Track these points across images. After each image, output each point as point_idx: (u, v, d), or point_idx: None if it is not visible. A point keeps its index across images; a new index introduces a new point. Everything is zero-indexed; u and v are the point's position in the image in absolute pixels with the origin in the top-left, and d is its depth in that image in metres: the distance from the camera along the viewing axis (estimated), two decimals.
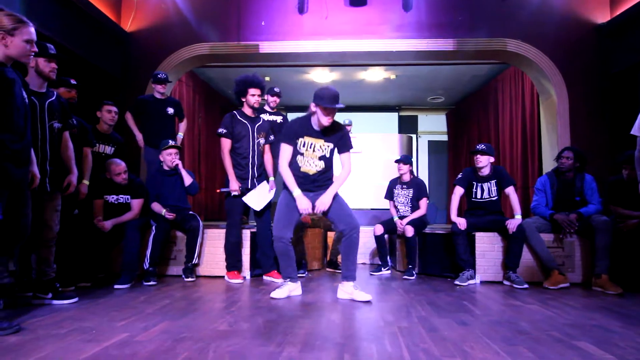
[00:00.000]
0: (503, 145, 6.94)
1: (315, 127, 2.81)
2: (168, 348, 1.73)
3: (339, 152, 2.88)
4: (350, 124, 6.64)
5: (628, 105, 4.38)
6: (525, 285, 3.28)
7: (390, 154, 7.03)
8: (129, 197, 3.46)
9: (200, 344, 1.79)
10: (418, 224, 3.92)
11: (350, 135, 6.70)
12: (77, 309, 2.42)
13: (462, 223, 3.51)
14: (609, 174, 3.99)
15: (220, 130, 3.42)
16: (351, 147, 2.92)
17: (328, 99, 2.67)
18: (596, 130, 4.85)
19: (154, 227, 3.43)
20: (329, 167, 2.91)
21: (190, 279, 3.45)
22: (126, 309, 2.42)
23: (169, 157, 3.62)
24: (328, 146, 2.85)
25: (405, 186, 4.11)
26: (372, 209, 6.65)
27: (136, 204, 3.45)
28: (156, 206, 3.54)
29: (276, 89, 4.44)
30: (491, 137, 7.40)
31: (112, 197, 3.43)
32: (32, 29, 2.12)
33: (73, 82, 3.18)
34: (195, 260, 3.53)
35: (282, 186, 2.94)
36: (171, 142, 3.67)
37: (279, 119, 4.50)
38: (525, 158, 6.26)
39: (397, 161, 4.15)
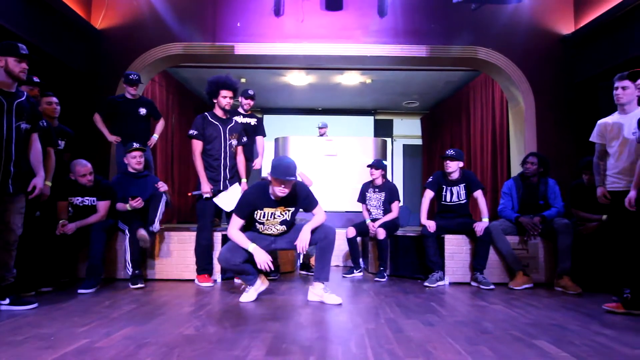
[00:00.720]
0: (474, 149, 7.12)
1: (273, 197, 2.72)
2: (129, 354, 1.69)
3: (307, 210, 2.88)
4: (325, 127, 6.68)
5: (590, 113, 4.58)
6: (492, 286, 3.37)
7: (365, 157, 7.08)
8: (95, 199, 3.36)
9: (164, 349, 1.76)
10: (390, 226, 3.97)
11: (326, 138, 6.67)
12: (37, 315, 2.33)
13: (431, 226, 3.58)
14: (572, 179, 4.16)
15: (191, 132, 3.37)
16: (316, 202, 2.85)
17: (280, 171, 2.56)
18: (562, 137, 5.04)
19: (127, 231, 3.33)
20: (292, 223, 2.90)
21: (138, 286, 3.22)
22: (89, 315, 2.35)
23: (134, 160, 3.53)
24: (289, 210, 2.80)
25: (377, 190, 4.16)
26: (346, 212, 6.69)
27: (102, 206, 3.35)
28: (120, 205, 3.43)
29: (250, 92, 4.42)
30: (463, 142, 7.58)
31: (77, 199, 3.32)
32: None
33: (36, 79, 3.07)
34: (156, 225, 3.37)
35: None
36: (135, 145, 3.57)
37: (253, 121, 4.48)
38: (495, 162, 6.44)
39: (369, 166, 4.19)
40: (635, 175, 2.49)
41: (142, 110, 4.21)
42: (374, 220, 4.08)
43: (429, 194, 3.79)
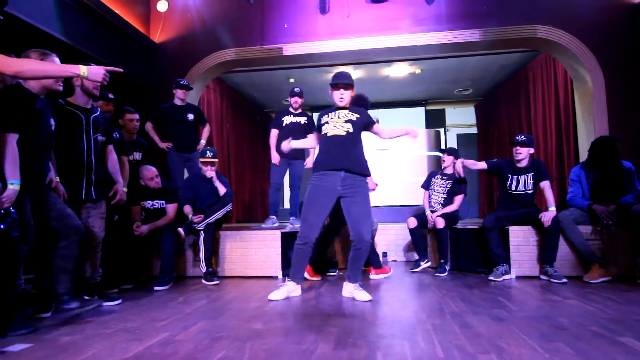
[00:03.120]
0: (536, 135, 6.70)
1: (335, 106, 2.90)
2: (206, 346, 1.80)
3: (368, 127, 2.88)
4: (377, 122, 6.58)
5: None
6: (564, 280, 3.17)
7: (417, 149, 6.94)
8: (163, 202, 3.60)
9: (237, 342, 1.85)
10: (450, 217, 3.87)
11: None
12: (121, 310, 2.55)
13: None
14: None
15: None
16: (376, 120, 2.97)
17: (337, 76, 2.84)
18: (636, 115, 4.62)
19: (202, 232, 3.52)
20: (357, 135, 2.81)
21: (213, 282, 3.42)
22: (166, 310, 2.53)
23: (205, 168, 3.67)
24: (353, 114, 2.82)
25: (445, 177, 4.07)
26: (400, 206, 6.59)
27: (171, 208, 3.59)
28: (187, 209, 3.62)
29: (297, 89, 4.45)
30: (523, 128, 7.16)
31: (148, 203, 3.58)
32: (57, 59, 2.32)
33: (111, 96, 3.35)
34: (201, 225, 3.52)
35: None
36: (208, 154, 3.64)
37: (303, 119, 4.50)
38: (561, 148, 6.03)
39: (442, 151, 4.14)
40: None
41: (190, 116, 4.41)
42: (433, 211, 4.00)
43: (482, 165, 3.70)
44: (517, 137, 3.55)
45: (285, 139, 4.38)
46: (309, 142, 3.14)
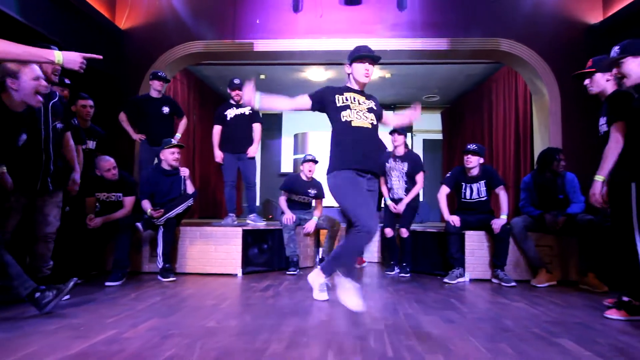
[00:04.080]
0: (496, 144, 6.97)
1: (356, 85, 2.52)
2: (155, 344, 1.75)
3: (380, 118, 2.54)
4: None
5: None
6: (513, 283, 3.32)
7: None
8: (120, 194, 3.47)
9: (188, 340, 1.81)
10: (412, 205, 3.86)
11: None
12: (68, 306, 2.44)
13: (456, 221, 3.54)
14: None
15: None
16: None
17: (364, 49, 2.44)
18: (589, 130, 4.87)
19: (161, 227, 3.42)
20: (377, 128, 2.50)
21: (169, 279, 3.32)
22: (116, 306, 2.44)
23: (172, 157, 3.59)
24: (371, 101, 2.52)
25: (399, 160, 3.90)
26: None
27: (128, 201, 3.46)
28: (145, 204, 3.51)
29: (236, 81, 4.28)
30: (485, 136, 7.43)
31: (104, 195, 3.44)
32: (35, 66, 2.26)
33: (67, 81, 3.19)
34: (161, 220, 3.40)
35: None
36: (174, 141, 3.64)
37: (247, 110, 4.33)
38: (518, 157, 6.29)
39: (391, 132, 3.88)
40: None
41: (165, 109, 4.31)
42: (395, 201, 3.91)
43: (444, 190, 3.75)
44: (469, 146, 3.67)
45: (232, 135, 4.25)
46: (285, 103, 2.55)
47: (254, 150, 4.40)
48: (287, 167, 9.47)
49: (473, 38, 5.05)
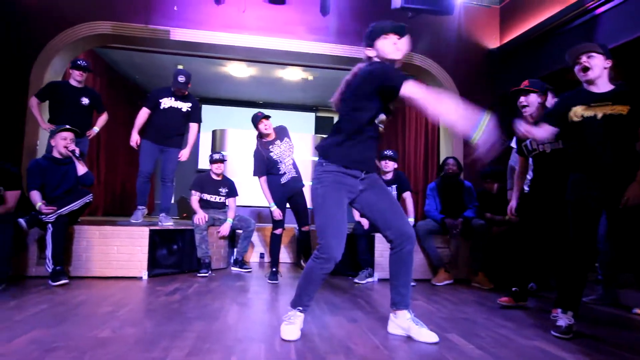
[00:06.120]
0: (408, 152, 7.46)
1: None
2: None
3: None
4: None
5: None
6: (413, 283, 3.55)
7: (304, 154, 7.13)
8: (2, 188, 3.04)
9: (75, 353, 1.65)
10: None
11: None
12: None
13: (365, 223, 3.69)
14: None
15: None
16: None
17: (382, 23, 2.08)
18: None
19: (50, 225, 3.05)
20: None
21: (60, 282, 2.99)
22: None
23: (62, 142, 3.23)
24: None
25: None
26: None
27: (11, 196, 3.04)
28: (35, 195, 3.13)
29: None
30: (398, 144, 7.90)
31: None
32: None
33: None
34: (51, 217, 3.05)
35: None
36: (68, 125, 3.30)
37: (185, 106, 4.06)
38: (427, 165, 6.80)
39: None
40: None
41: (85, 100, 3.96)
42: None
43: None
44: (386, 152, 3.88)
45: (161, 125, 4.03)
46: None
47: (186, 155, 4.08)
48: (204, 163, 9.11)
49: None
